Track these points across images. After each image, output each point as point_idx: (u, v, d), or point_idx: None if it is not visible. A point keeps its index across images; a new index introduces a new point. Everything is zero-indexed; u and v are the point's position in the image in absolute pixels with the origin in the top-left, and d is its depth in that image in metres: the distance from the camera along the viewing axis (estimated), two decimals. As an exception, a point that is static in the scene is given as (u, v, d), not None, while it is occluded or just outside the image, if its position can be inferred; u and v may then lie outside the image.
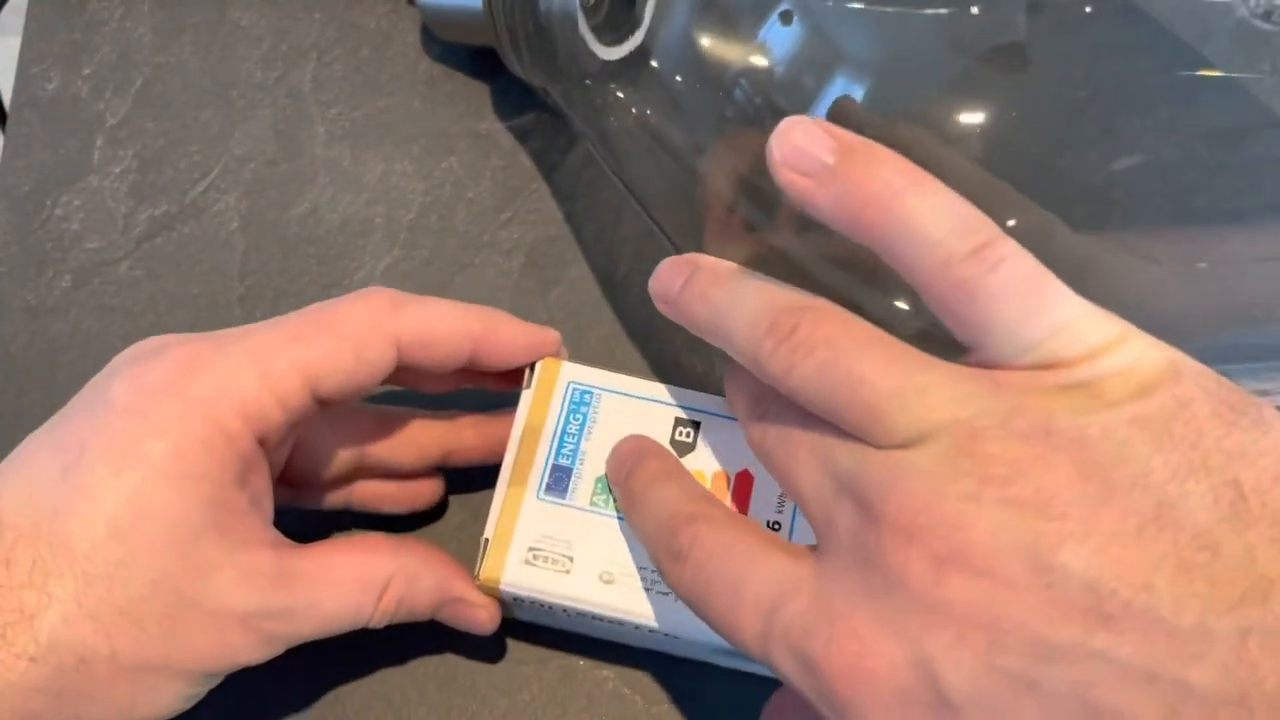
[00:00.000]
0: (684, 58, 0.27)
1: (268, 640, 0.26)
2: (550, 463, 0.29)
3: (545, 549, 0.28)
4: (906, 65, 0.24)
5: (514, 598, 0.29)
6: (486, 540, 0.28)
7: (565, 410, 0.30)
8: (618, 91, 0.28)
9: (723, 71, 0.26)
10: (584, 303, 0.38)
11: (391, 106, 0.41)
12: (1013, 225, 0.21)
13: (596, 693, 0.32)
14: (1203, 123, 0.22)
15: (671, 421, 0.30)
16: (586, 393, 0.30)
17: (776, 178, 0.22)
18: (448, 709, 0.32)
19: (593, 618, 0.28)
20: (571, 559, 0.28)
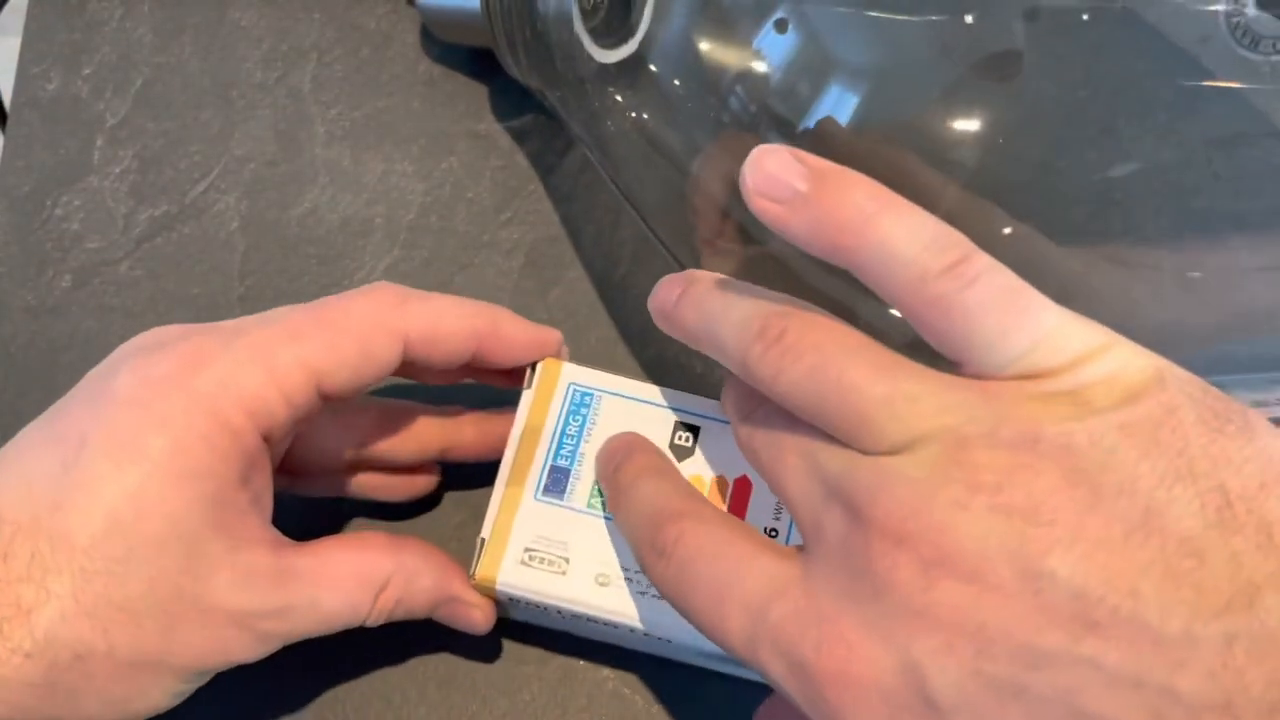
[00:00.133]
0: (681, 62, 0.27)
1: (264, 638, 0.26)
2: (549, 463, 0.29)
3: (541, 550, 0.28)
4: (902, 73, 0.24)
5: (509, 598, 0.29)
6: (483, 540, 0.28)
7: (565, 411, 0.30)
8: (615, 95, 0.28)
9: (719, 77, 0.26)
10: (583, 303, 0.38)
11: (391, 106, 0.41)
12: (995, 242, 0.21)
13: (596, 693, 0.33)
14: (1199, 131, 0.22)
15: (671, 426, 0.30)
16: (587, 394, 0.30)
17: (750, 205, 0.22)
18: (448, 709, 0.32)
19: (587, 620, 0.28)
20: (567, 560, 0.28)
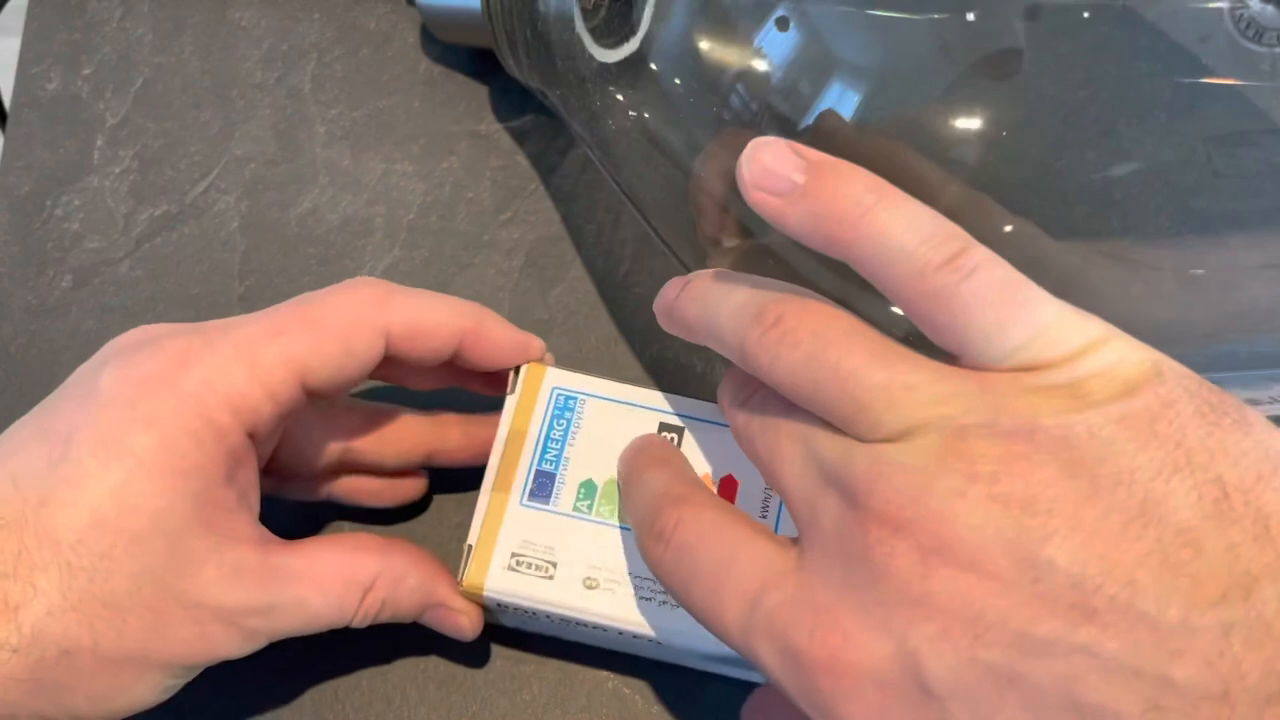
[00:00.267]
0: (682, 61, 0.27)
1: (249, 635, 0.26)
2: (534, 468, 0.29)
3: (528, 555, 0.28)
4: (903, 71, 0.24)
5: (498, 604, 0.29)
6: (470, 546, 0.28)
7: (549, 416, 0.30)
8: (616, 94, 0.28)
9: (720, 75, 0.26)
10: (584, 303, 0.38)
11: (391, 106, 0.41)
12: (994, 237, 0.21)
13: (596, 692, 0.32)
14: (1199, 129, 0.22)
15: (655, 427, 0.30)
16: (571, 398, 0.30)
17: (747, 199, 0.22)
18: (448, 709, 0.32)
19: (576, 623, 0.28)
20: (555, 565, 0.28)
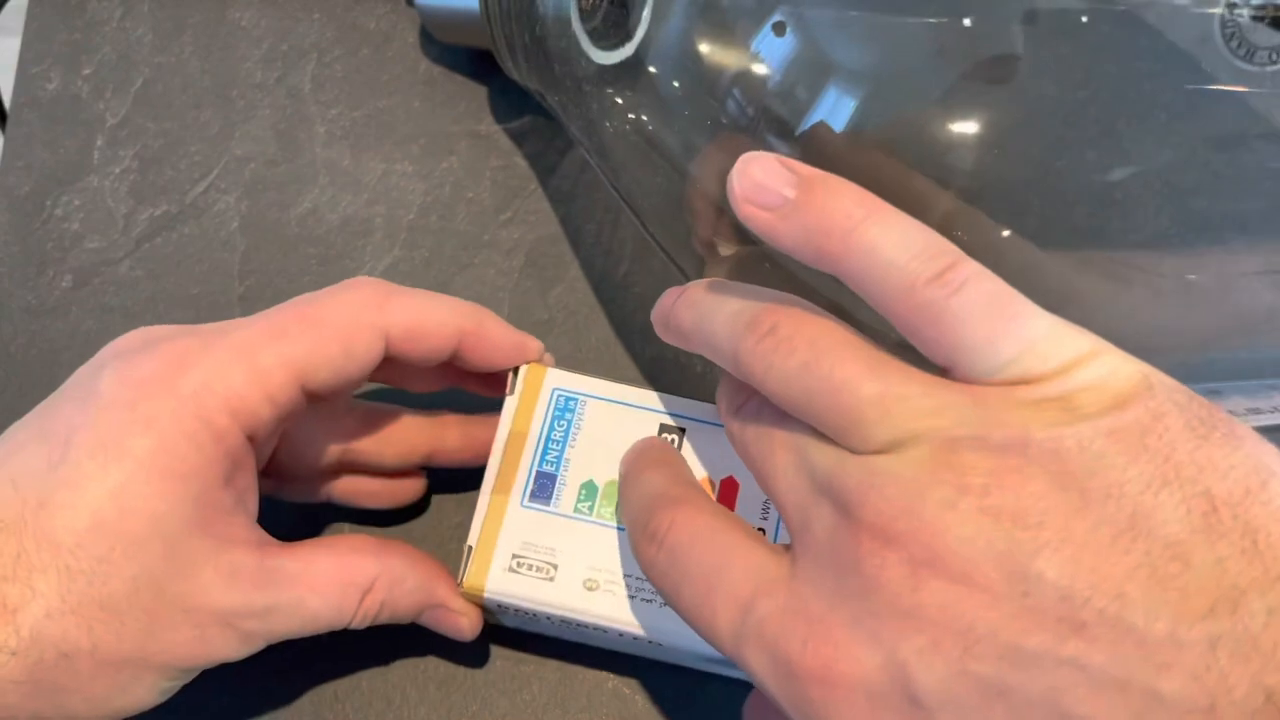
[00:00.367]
0: (679, 64, 0.27)
1: (247, 638, 0.26)
2: (534, 469, 0.29)
3: (529, 556, 0.28)
4: (900, 76, 0.24)
5: (498, 605, 0.29)
6: (470, 548, 0.28)
7: (550, 416, 0.30)
8: (614, 97, 0.28)
9: (717, 78, 0.26)
10: (584, 303, 0.38)
11: (391, 107, 0.41)
12: (987, 248, 0.21)
13: (596, 692, 0.33)
14: (1198, 132, 0.22)
15: (656, 428, 0.30)
16: (571, 399, 0.30)
17: (738, 213, 0.22)
18: (448, 709, 0.32)
19: (577, 625, 0.28)
20: (555, 566, 0.28)
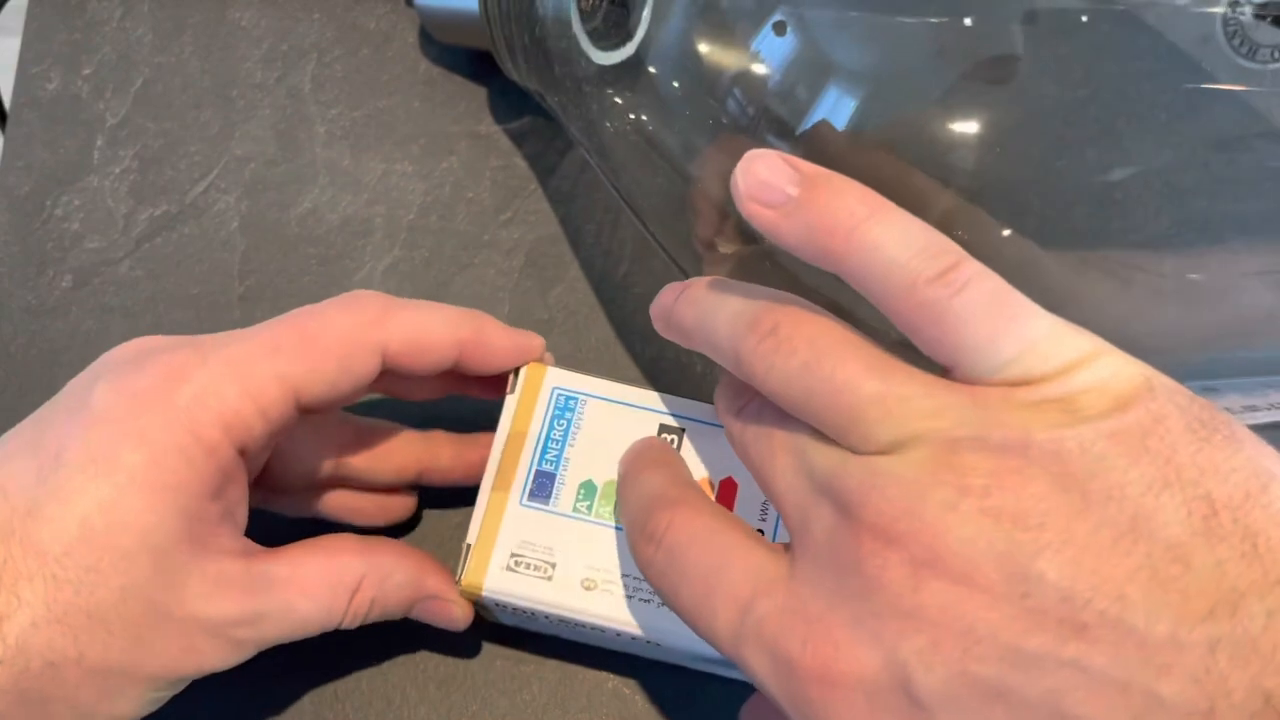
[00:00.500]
0: (680, 64, 0.26)
1: (237, 645, 0.26)
2: (534, 468, 0.29)
3: (528, 555, 0.28)
4: (900, 76, 0.24)
5: (496, 603, 0.29)
6: (468, 546, 0.28)
7: (549, 416, 0.30)
8: (614, 97, 0.28)
9: (717, 79, 0.26)
10: (584, 303, 0.38)
11: (391, 107, 0.41)
12: (988, 247, 0.21)
13: (596, 692, 0.33)
14: (1199, 132, 0.22)
15: (656, 428, 0.30)
16: (571, 398, 0.30)
17: (742, 210, 0.22)
18: (448, 709, 0.32)
19: (575, 624, 0.28)
20: (554, 565, 0.28)
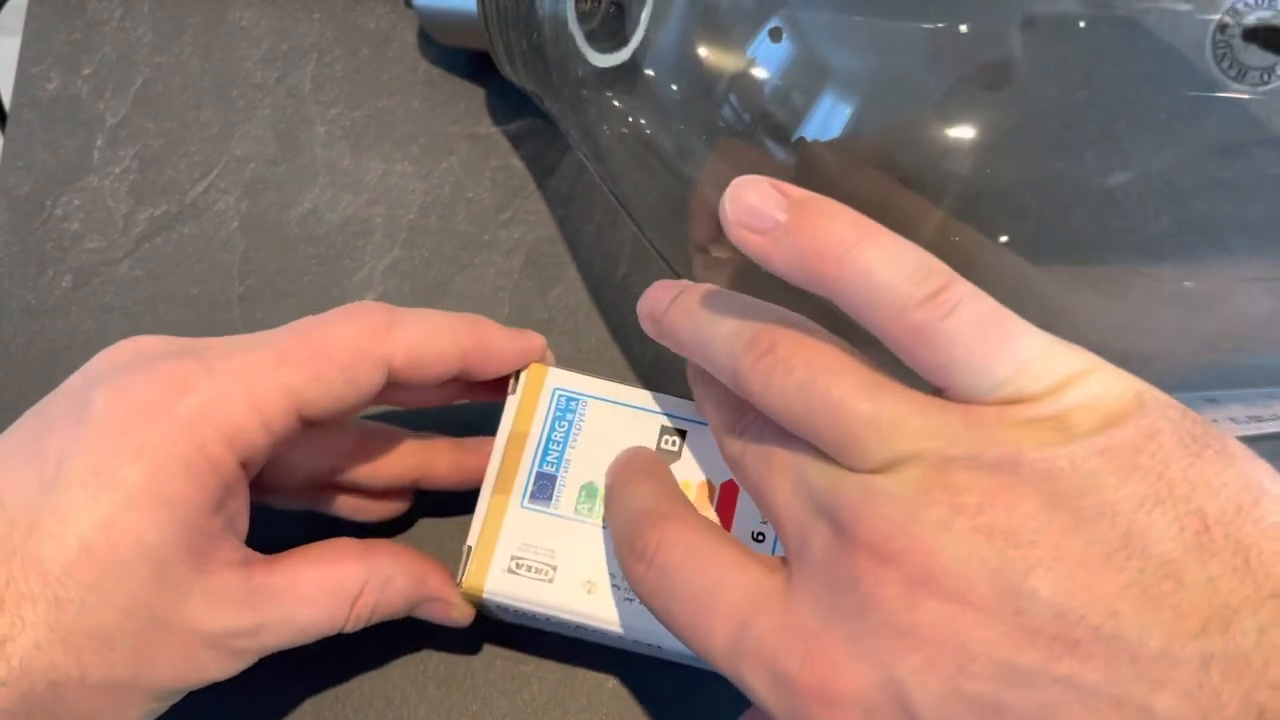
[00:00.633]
0: (677, 68, 0.26)
1: (238, 655, 0.26)
2: (535, 470, 0.29)
3: (528, 557, 0.28)
4: (896, 82, 0.24)
5: (497, 606, 0.29)
6: (469, 548, 0.28)
7: (551, 417, 0.30)
8: (611, 100, 0.28)
9: (715, 83, 0.26)
10: (584, 303, 0.38)
11: (391, 107, 0.41)
12: (981, 255, 0.21)
13: (596, 692, 0.33)
14: (1198, 138, 0.22)
15: (657, 430, 0.29)
16: (573, 399, 0.30)
17: (731, 236, 0.22)
18: (448, 709, 0.32)
19: (576, 626, 0.28)
20: (555, 568, 0.28)
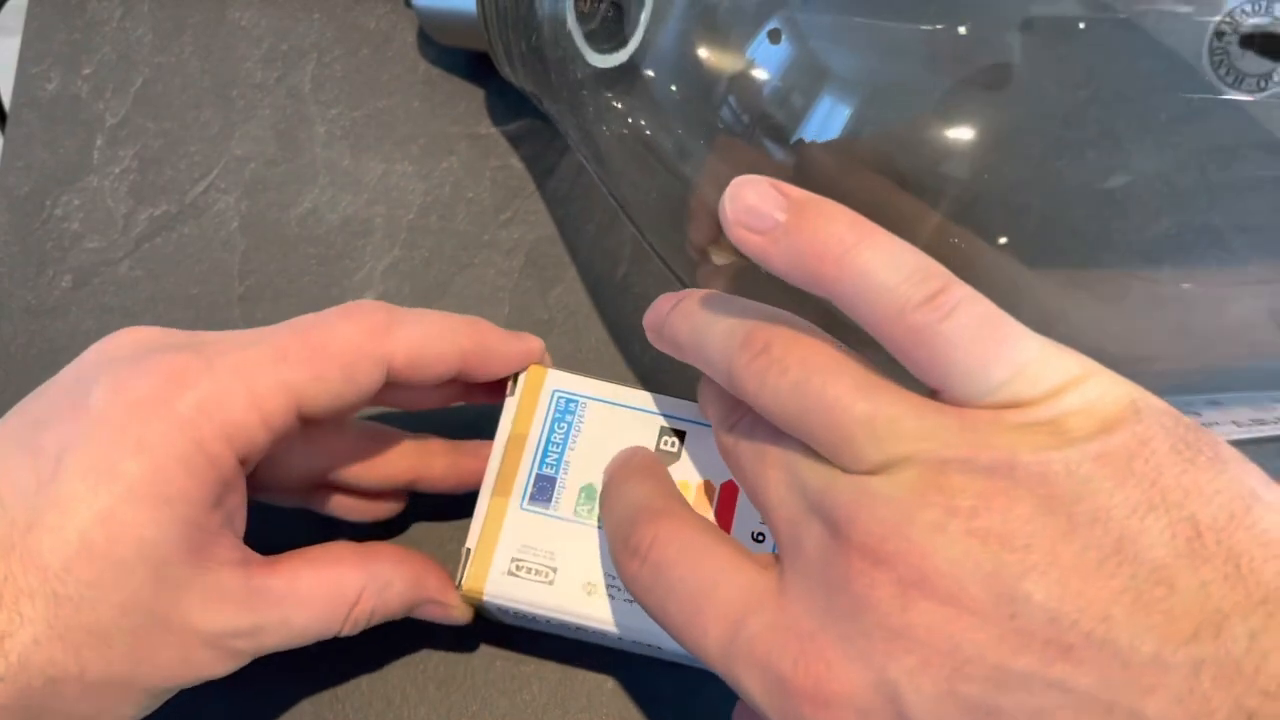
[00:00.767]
0: (676, 69, 0.26)
1: (234, 655, 0.26)
2: (534, 472, 0.29)
3: (528, 559, 0.28)
4: (895, 84, 0.24)
5: (498, 608, 0.29)
6: (469, 550, 0.28)
7: (550, 419, 0.30)
8: (611, 101, 0.28)
9: (714, 84, 0.26)
10: (584, 303, 0.38)
11: (391, 107, 0.41)
12: (974, 270, 0.21)
13: (596, 692, 0.33)
14: (1196, 141, 0.22)
15: (657, 431, 0.29)
16: (572, 401, 0.30)
17: (730, 236, 0.22)
18: (448, 709, 0.32)
19: (576, 628, 0.28)
20: (555, 569, 0.28)
